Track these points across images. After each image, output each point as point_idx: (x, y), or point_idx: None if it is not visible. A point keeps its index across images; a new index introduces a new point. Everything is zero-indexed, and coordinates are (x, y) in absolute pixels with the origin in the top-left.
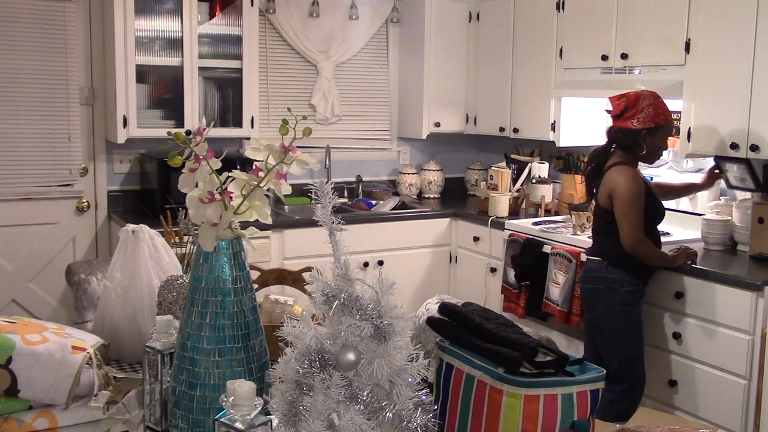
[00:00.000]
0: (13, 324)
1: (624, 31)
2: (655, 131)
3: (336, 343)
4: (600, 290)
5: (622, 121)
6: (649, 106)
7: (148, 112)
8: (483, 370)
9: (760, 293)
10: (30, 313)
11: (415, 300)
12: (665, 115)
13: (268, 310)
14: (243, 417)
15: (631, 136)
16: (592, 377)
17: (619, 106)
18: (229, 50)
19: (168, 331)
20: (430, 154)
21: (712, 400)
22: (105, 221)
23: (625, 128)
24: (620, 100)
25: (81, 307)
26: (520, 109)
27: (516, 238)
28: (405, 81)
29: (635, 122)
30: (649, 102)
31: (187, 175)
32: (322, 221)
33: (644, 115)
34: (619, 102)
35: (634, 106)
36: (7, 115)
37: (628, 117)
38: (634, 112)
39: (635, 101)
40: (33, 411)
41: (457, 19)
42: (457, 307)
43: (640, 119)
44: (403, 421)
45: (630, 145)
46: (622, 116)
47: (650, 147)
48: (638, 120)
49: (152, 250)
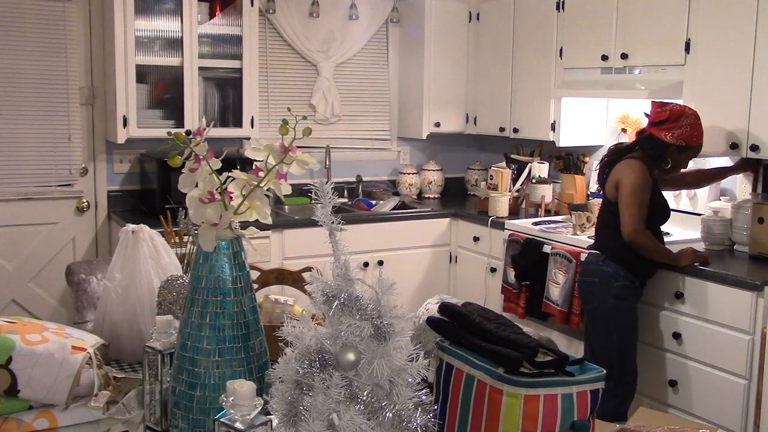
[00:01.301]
0: (13, 324)
1: (624, 31)
2: (684, 150)
3: (336, 343)
4: (595, 283)
5: (657, 129)
6: (688, 126)
7: (148, 112)
8: (483, 370)
9: (760, 293)
10: (30, 313)
11: (415, 300)
12: (699, 138)
13: (268, 310)
14: (243, 417)
15: (661, 148)
16: (592, 377)
17: (660, 115)
18: (229, 50)
19: (168, 331)
20: (430, 154)
21: (712, 400)
22: (105, 221)
23: (658, 138)
24: (663, 109)
25: (81, 307)
26: (520, 109)
27: (516, 238)
28: (405, 81)
29: (669, 136)
30: (690, 122)
31: (187, 175)
32: (322, 221)
33: (681, 132)
34: (661, 110)
35: (675, 120)
36: (7, 115)
37: (665, 128)
38: (672, 126)
39: (678, 116)
40: (33, 411)
41: (457, 19)
42: (457, 307)
43: (676, 135)
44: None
45: (656, 155)
46: (660, 125)
47: (674, 163)
48: (673, 135)
49: (152, 250)
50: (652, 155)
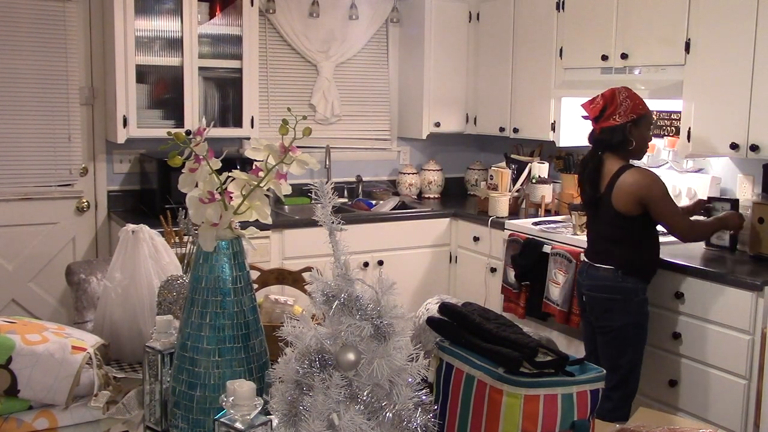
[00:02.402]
0: (13, 324)
1: (624, 31)
2: (638, 122)
3: (336, 343)
4: (617, 300)
5: (603, 120)
6: (626, 99)
7: (148, 112)
8: (483, 370)
9: (760, 293)
10: (30, 313)
11: (415, 300)
12: (643, 105)
13: (268, 310)
14: (243, 417)
15: (619, 133)
16: (592, 377)
17: (596, 107)
18: (229, 50)
19: (168, 331)
20: (430, 154)
21: (712, 400)
22: (105, 221)
23: (610, 126)
24: (595, 102)
25: (81, 307)
26: (520, 109)
27: (516, 238)
28: (405, 81)
29: (617, 117)
30: (625, 95)
31: (187, 175)
32: (322, 221)
33: (624, 108)
34: (594, 104)
35: (612, 102)
36: (7, 115)
37: (609, 115)
38: (613, 109)
39: (612, 98)
40: (33, 411)
41: (457, 19)
42: (457, 307)
43: (621, 113)
44: (403, 421)
45: (619, 142)
46: (603, 116)
47: (638, 140)
48: (620, 115)
49: (152, 250)
50: (616, 146)
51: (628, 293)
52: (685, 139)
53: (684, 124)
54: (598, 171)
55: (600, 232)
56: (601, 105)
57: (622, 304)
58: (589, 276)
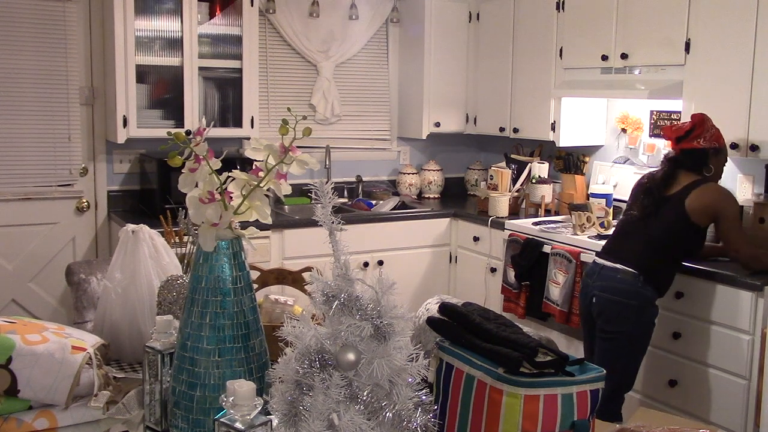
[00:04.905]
0: (13, 324)
1: (624, 31)
2: (719, 153)
3: (336, 343)
4: (632, 306)
5: (687, 141)
6: (712, 127)
7: (148, 112)
8: (483, 370)
9: (760, 293)
10: (30, 313)
11: (415, 300)
12: (722, 138)
13: (268, 310)
14: (243, 417)
15: (702, 156)
16: (592, 377)
17: (683, 127)
18: (229, 50)
19: (168, 331)
20: (430, 154)
21: (712, 400)
22: (105, 221)
23: (693, 148)
24: (681, 123)
25: (81, 307)
26: (520, 109)
27: (516, 238)
28: (405, 81)
29: (702, 141)
30: (712, 123)
31: (187, 175)
32: (322, 221)
33: (710, 135)
34: (680, 124)
35: (700, 125)
36: (7, 115)
37: (694, 137)
38: (700, 132)
39: (701, 121)
40: (33, 411)
41: (457, 19)
42: (457, 307)
43: (707, 138)
44: (403, 421)
45: (698, 165)
46: (688, 137)
47: (716, 169)
48: (705, 139)
49: (152, 250)
50: (695, 169)
51: (644, 301)
52: None
53: None
54: (670, 177)
55: (648, 234)
56: (689, 126)
57: (636, 311)
58: (602, 277)
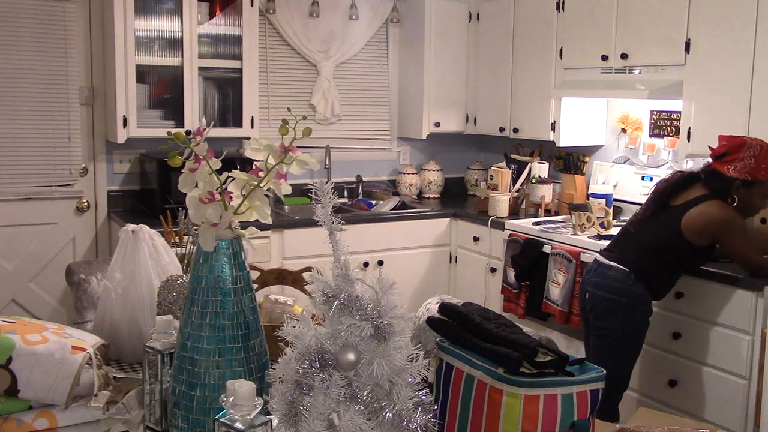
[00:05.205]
0: (13, 324)
1: (624, 31)
2: (750, 185)
3: (336, 343)
4: (622, 303)
5: (719, 163)
6: (751, 157)
7: (148, 112)
8: (483, 370)
9: (760, 293)
10: (30, 313)
11: (415, 300)
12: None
13: (268, 310)
14: (243, 417)
15: (724, 183)
16: (592, 377)
17: (720, 148)
18: (229, 50)
19: (168, 331)
20: (430, 154)
21: (712, 400)
22: (105, 221)
23: (719, 172)
24: (723, 141)
25: (81, 307)
26: (520, 109)
27: (516, 238)
28: (405, 81)
29: (731, 169)
30: (754, 153)
31: (187, 175)
32: (322, 221)
33: (743, 165)
34: (722, 143)
35: (735, 151)
36: (7, 115)
37: (726, 161)
38: (733, 158)
39: (738, 147)
40: (33, 411)
41: (457, 19)
42: (457, 307)
43: (738, 168)
44: (403, 421)
45: (720, 191)
46: (721, 159)
47: (742, 200)
48: (735, 168)
49: (152, 250)
50: (718, 192)
51: (634, 299)
52: (685, 139)
53: (684, 124)
54: (683, 184)
55: (647, 236)
56: (723, 149)
57: (626, 308)
58: (597, 274)
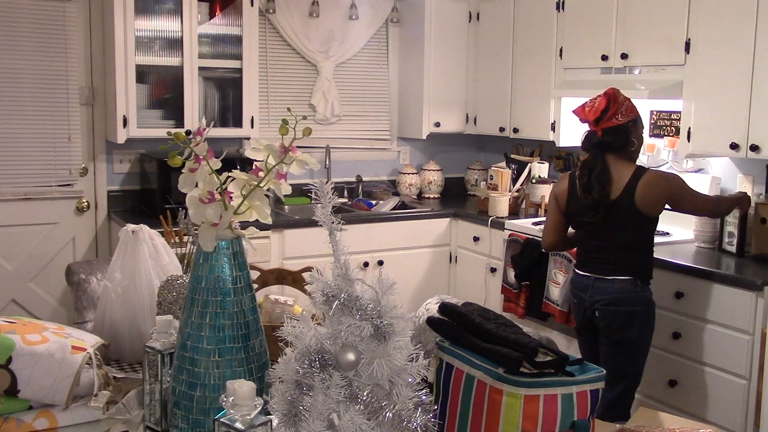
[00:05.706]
0: (13, 324)
1: (624, 31)
2: (636, 123)
3: (336, 343)
4: (637, 313)
5: (605, 121)
6: (625, 100)
7: (148, 112)
8: (483, 370)
9: (760, 293)
10: (30, 313)
11: (415, 300)
12: (635, 106)
13: (268, 310)
14: (243, 417)
15: (623, 133)
16: (592, 377)
17: (597, 107)
18: (229, 50)
19: (168, 331)
20: (430, 154)
21: (712, 400)
22: (105, 221)
23: (613, 127)
24: (593, 103)
25: (81, 307)
26: (520, 109)
27: (516, 238)
28: (405, 81)
29: (620, 117)
30: (624, 96)
31: (187, 175)
32: (322, 221)
33: (625, 108)
34: (592, 105)
35: (614, 101)
36: (7, 115)
37: (611, 114)
38: (616, 108)
39: (614, 97)
40: (33, 411)
41: (457, 19)
42: (457, 307)
43: (623, 113)
44: (403, 421)
45: (624, 143)
46: (605, 116)
47: (638, 140)
48: (622, 114)
49: (152, 250)
50: (620, 147)
51: (648, 304)
52: (685, 139)
53: (684, 124)
54: (607, 174)
55: (614, 241)
56: (603, 105)
57: (643, 315)
58: (600, 291)
